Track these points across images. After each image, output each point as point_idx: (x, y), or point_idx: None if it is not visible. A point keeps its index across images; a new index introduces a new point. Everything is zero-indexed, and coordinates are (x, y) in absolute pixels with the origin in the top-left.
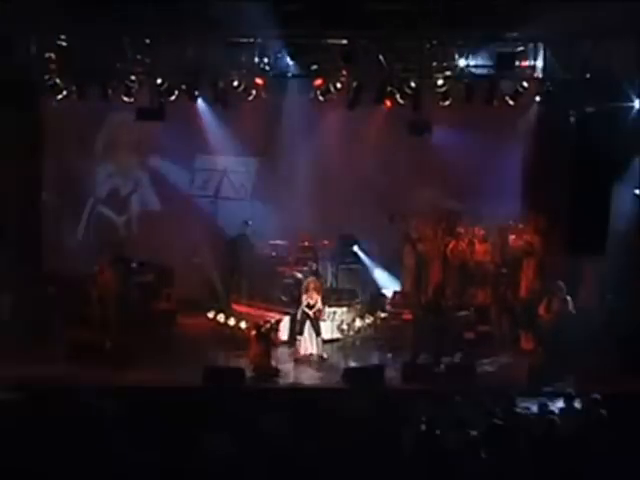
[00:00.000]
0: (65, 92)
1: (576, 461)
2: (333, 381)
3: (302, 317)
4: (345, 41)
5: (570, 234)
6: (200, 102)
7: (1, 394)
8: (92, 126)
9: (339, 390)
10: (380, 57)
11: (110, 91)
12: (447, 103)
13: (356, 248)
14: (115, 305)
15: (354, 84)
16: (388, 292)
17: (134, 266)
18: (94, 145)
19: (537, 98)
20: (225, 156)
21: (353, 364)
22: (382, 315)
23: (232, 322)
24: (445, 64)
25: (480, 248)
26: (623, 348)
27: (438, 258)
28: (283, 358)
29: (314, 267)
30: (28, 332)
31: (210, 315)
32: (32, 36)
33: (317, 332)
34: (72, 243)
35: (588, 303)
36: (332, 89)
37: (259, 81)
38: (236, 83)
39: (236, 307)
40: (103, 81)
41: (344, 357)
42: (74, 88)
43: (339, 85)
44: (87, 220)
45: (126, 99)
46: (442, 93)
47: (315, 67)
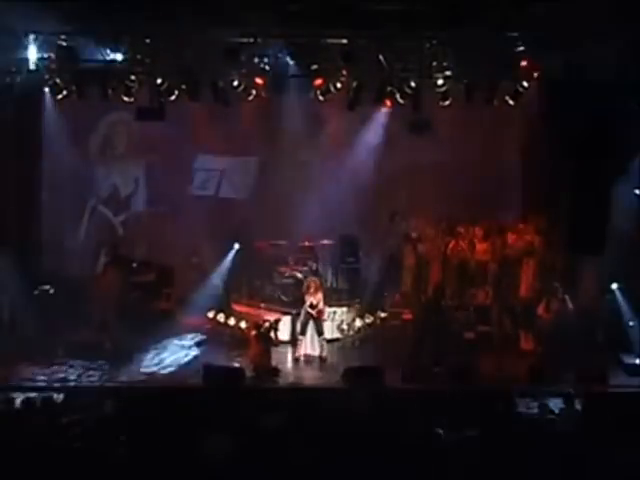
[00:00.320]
0: (65, 92)
1: (576, 461)
2: (333, 381)
3: (305, 318)
4: (345, 41)
5: (570, 234)
6: (200, 102)
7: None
8: (90, 126)
9: (339, 390)
10: (380, 57)
11: (110, 91)
12: (447, 103)
13: (356, 248)
14: (115, 305)
15: (354, 84)
16: (388, 292)
17: (134, 266)
18: (94, 145)
19: (537, 98)
20: (225, 156)
21: (353, 364)
22: (382, 315)
23: (232, 322)
24: (445, 64)
25: (480, 248)
26: (623, 348)
27: (438, 258)
28: (283, 358)
29: (314, 267)
30: (28, 332)
31: (210, 315)
32: (32, 36)
33: (320, 332)
34: (72, 243)
35: (588, 303)
36: (332, 89)
37: (259, 81)
38: (236, 83)
39: (236, 307)
40: (103, 81)
41: (344, 357)
42: (74, 88)
43: (339, 85)
44: (87, 220)
45: (126, 99)
46: (442, 93)
47: (315, 67)
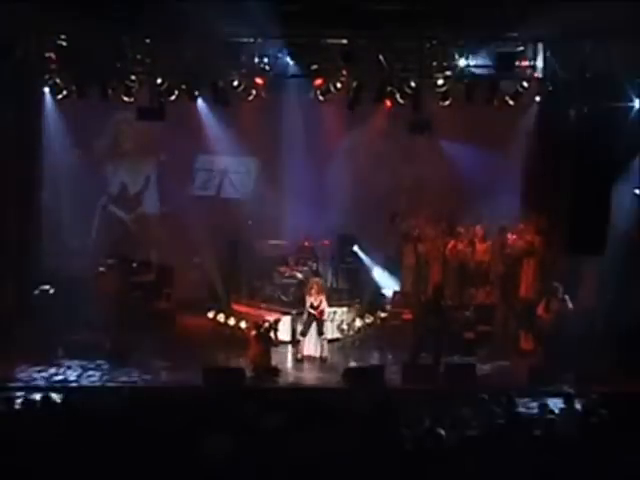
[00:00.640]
0: (65, 92)
1: (576, 461)
2: (333, 381)
3: (308, 318)
4: (345, 41)
5: (570, 234)
6: (200, 102)
7: (2, 394)
8: (91, 126)
9: (339, 390)
10: (380, 57)
11: (110, 91)
12: (447, 103)
13: (356, 248)
14: (115, 305)
15: (354, 84)
16: (388, 292)
17: (134, 266)
18: (94, 145)
19: (537, 98)
20: (225, 156)
21: (353, 364)
22: (382, 315)
23: (232, 322)
24: (445, 64)
25: (480, 248)
26: (623, 348)
27: (438, 258)
28: (283, 358)
29: (314, 267)
30: (28, 332)
31: (210, 315)
32: (32, 36)
33: (321, 333)
34: (72, 243)
35: (588, 303)
36: (332, 89)
37: (259, 81)
38: (236, 83)
39: (236, 307)
40: (103, 81)
41: (344, 357)
42: (74, 88)
43: (339, 85)
44: (87, 220)
45: (126, 99)
46: (442, 93)
47: (315, 67)
